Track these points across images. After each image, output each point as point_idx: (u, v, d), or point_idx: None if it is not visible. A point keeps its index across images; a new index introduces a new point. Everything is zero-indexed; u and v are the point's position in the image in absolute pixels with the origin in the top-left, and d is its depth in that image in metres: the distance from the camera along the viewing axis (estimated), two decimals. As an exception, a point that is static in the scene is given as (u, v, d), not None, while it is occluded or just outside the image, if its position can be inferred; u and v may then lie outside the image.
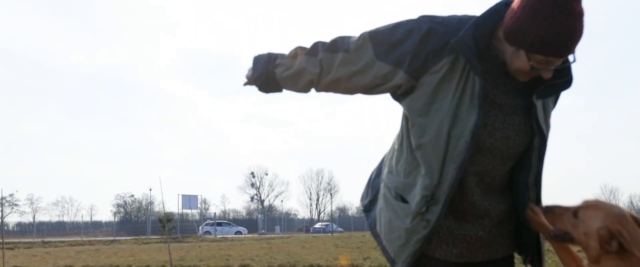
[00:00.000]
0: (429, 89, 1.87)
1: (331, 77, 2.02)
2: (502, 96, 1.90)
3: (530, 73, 1.80)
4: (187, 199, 43.32)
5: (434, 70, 1.86)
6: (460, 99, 1.84)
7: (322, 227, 54.94)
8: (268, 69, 2.12)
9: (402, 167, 2.02)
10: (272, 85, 2.16)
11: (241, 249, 18.29)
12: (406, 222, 1.96)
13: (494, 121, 1.88)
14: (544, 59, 1.74)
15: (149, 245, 25.08)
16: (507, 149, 1.91)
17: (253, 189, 78.71)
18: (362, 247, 17.80)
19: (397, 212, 2.00)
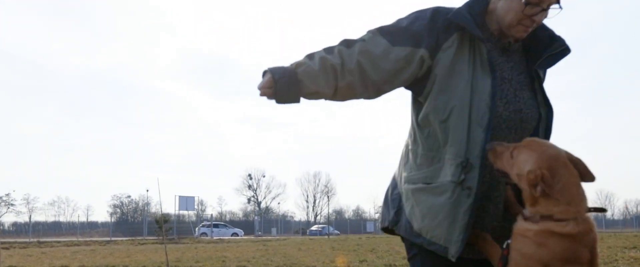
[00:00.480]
0: (445, 66, 1.94)
1: (354, 66, 1.94)
2: (508, 72, 1.98)
3: (524, 23, 1.90)
4: (184, 201, 43.22)
5: (446, 47, 1.94)
6: (474, 69, 1.92)
7: (319, 230, 54.94)
8: (289, 69, 1.95)
9: (422, 160, 2.02)
10: (293, 88, 1.93)
11: (237, 251, 18.27)
12: (447, 197, 1.91)
13: (506, 94, 1.94)
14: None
15: (145, 246, 25.03)
16: (521, 123, 1.96)
17: (250, 190, 78.69)
18: (358, 249, 17.79)
19: (435, 194, 1.95)
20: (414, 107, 2.09)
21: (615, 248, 16.00)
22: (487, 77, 1.91)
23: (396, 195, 2.15)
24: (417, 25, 1.95)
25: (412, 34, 1.94)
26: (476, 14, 1.97)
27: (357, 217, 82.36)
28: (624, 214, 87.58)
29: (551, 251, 1.68)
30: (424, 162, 2.01)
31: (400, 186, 2.13)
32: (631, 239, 23.67)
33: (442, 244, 1.94)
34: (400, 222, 2.10)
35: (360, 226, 66.09)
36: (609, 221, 78.25)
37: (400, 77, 1.98)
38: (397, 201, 2.13)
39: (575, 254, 1.68)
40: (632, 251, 14.77)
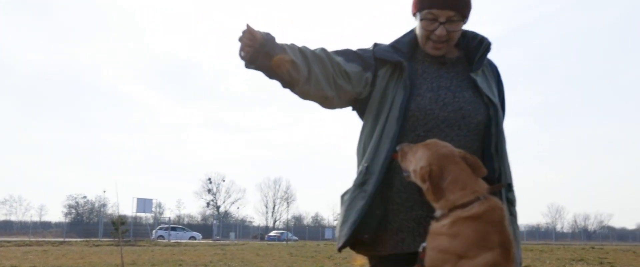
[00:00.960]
0: (379, 91, 2.16)
1: (320, 53, 2.09)
2: (446, 82, 2.15)
3: (431, 38, 2.11)
4: (141, 203, 42.60)
5: (380, 74, 2.17)
6: (396, 91, 2.12)
7: (277, 236, 54.80)
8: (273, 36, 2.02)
9: (358, 172, 2.18)
10: (273, 53, 1.97)
11: (195, 255, 18.16)
12: (348, 199, 2.12)
13: (444, 98, 2.10)
14: (429, 12, 2.07)
15: (100, 247, 24.59)
16: (463, 119, 2.09)
17: (209, 194, 77.99)
18: (316, 256, 17.89)
19: (343, 201, 2.17)
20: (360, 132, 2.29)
21: (563, 260, 16.51)
22: (402, 93, 2.09)
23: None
24: (363, 53, 2.20)
25: (360, 57, 2.18)
26: (404, 43, 2.20)
27: (316, 223, 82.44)
28: (572, 227, 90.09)
29: (464, 239, 1.73)
30: (360, 175, 2.16)
31: None
32: (579, 251, 24.41)
33: (341, 243, 2.12)
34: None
35: (318, 233, 66.20)
36: (559, 233, 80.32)
37: (352, 80, 2.14)
38: None
39: (485, 237, 1.72)
40: (579, 263, 15.26)
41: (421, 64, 2.18)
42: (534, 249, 27.61)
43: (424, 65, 2.18)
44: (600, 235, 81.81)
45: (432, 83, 2.13)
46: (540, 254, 21.26)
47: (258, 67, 2.00)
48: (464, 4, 2.09)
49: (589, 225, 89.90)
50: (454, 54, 2.22)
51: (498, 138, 2.12)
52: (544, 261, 15.88)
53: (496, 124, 2.12)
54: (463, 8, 2.09)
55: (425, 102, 2.08)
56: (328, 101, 2.15)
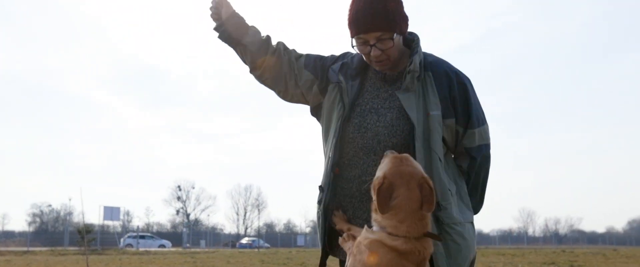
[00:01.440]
0: (326, 107, 2.31)
1: (276, 50, 2.37)
2: (379, 102, 2.20)
3: (370, 59, 2.18)
4: (109, 211, 41.66)
5: (329, 89, 2.30)
6: (339, 111, 2.23)
7: (249, 243, 54.34)
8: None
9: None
10: (241, 26, 2.35)
11: (164, 263, 17.79)
12: (316, 217, 2.33)
13: (368, 123, 2.17)
14: (358, 38, 2.14)
15: (66, 256, 23.98)
16: (378, 144, 2.14)
17: (179, 202, 76.99)
18: (289, 263, 17.72)
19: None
20: None
21: (535, 264, 16.65)
22: (339, 116, 2.22)
23: None
24: (323, 63, 2.36)
25: (317, 68, 2.35)
26: (358, 60, 2.29)
27: (288, 231, 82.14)
28: (544, 232, 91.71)
29: (379, 260, 1.77)
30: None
31: None
32: (550, 255, 24.75)
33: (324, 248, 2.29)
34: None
35: (290, 240, 65.88)
36: (531, 237, 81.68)
37: (301, 87, 2.35)
38: None
39: (399, 264, 1.76)
40: (551, 266, 15.41)
41: (369, 80, 2.27)
42: (506, 253, 27.90)
43: (370, 81, 2.27)
44: (570, 238, 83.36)
45: (365, 105, 2.21)
46: (513, 258, 21.45)
47: (220, 38, 2.37)
48: (388, 21, 2.09)
49: (560, 229, 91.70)
50: (403, 64, 2.22)
51: (425, 156, 2.09)
52: (516, 265, 15.99)
53: (422, 142, 2.10)
54: (389, 25, 2.10)
55: (350, 129, 2.19)
56: (277, 92, 2.42)
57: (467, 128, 2.21)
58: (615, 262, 17.40)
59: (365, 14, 2.10)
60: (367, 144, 2.15)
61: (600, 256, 23.39)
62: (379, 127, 2.14)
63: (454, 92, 2.19)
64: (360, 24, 2.11)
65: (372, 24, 2.09)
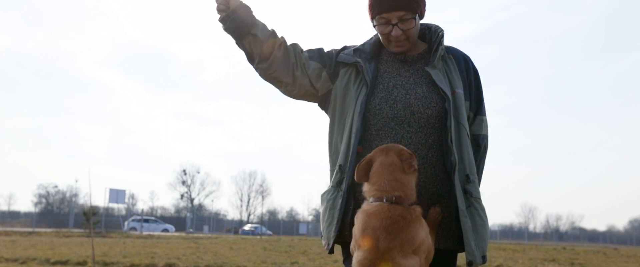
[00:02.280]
0: (340, 88, 2.28)
1: (284, 43, 2.33)
2: (402, 79, 2.24)
3: (389, 39, 2.21)
4: (114, 193, 41.93)
5: (342, 74, 2.30)
6: (359, 90, 2.23)
7: (251, 230, 54.58)
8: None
9: (330, 174, 2.29)
10: (247, 19, 2.28)
11: (167, 248, 17.95)
12: (329, 200, 2.21)
13: (396, 96, 2.19)
14: (380, 18, 2.18)
15: (71, 238, 24.20)
16: (412, 115, 2.16)
17: (184, 186, 77.29)
18: (291, 251, 17.84)
19: (323, 201, 2.26)
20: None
21: (536, 260, 16.70)
22: (363, 91, 2.20)
23: None
24: (328, 53, 2.37)
25: (323, 56, 2.35)
26: (369, 45, 2.32)
27: (291, 218, 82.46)
28: (545, 228, 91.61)
29: (356, 228, 1.96)
30: (330, 175, 2.28)
31: None
32: (551, 251, 24.77)
33: (325, 241, 2.21)
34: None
35: (293, 228, 66.12)
36: (531, 233, 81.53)
37: (310, 75, 2.33)
38: None
39: (367, 224, 1.90)
40: (551, 263, 15.46)
41: (385, 63, 2.29)
42: (507, 248, 27.92)
43: (387, 64, 2.29)
44: (571, 236, 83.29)
45: (388, 82, 2.23)
46: (513, 253, 21.49)
47: (226, 30, 2.29)
48: (411, 1, 2.16)
49: (561, 225, 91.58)
50: (418, 50, 2.31)
51: (456, 129, 2.16)
52: (517, 260, 16.04)
53: (453, 116, 2.16)
54: (412, 5, 2.16)
55: (377, 102, 2.18)
56: (283, 86, 2.36)
57: (477, 114, 2.30)
58: (615, 262, 17.43)
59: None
60: (399, 115, 2.16)
61: (601, 254, 23.41)
62: (410, 99, 2.17)
63: (470, 77, 2.30)
64: (384, 3, 2.16)
65: (396, 3, 2.14)
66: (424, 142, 2.14)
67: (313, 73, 2.31)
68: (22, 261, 11.80)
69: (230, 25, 2.26)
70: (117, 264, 11.31)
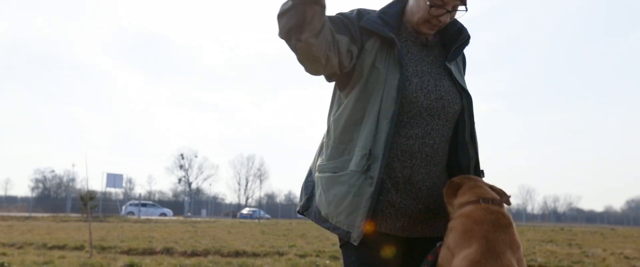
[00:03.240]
0: (367, 66, 2.10)
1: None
2: (427, 65, 2.16)
3: (431, 22, 2.10)
4: (111, 178, 41.88)
5: (368, 47, 2.10)
6: (388, 67, 2.08)
7: (250, 213, 54.68)
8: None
9: (333, 152, 2.14)
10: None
11: (165, 232, 17.91)
12: (350, 185, 2.04)
13: (428, 85, 2.11)
14: (439, 1, 2.06)
15: (68, 223, 24.17)
16: (443, 109, 2.12)
17: (181, 170, 77.26)
18: (289, 234, 17.83)
19: (340, 183, 2.07)
20: (333, 103, 2.22)
21: (533, 241, 16.74)
22: (396, 72, 2.06)
23: (310, 182, 2.27)
24: (349, 23, 2.08)
25: (348, 29, 2.06)
26: (392, 15, 2.15)
27: (289, 202, 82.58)
28: (542, 209, 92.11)
29: (454, 233, 1.95)
30: (335, 154, 2.13)
31: (314, 175, 2.24)
32: (548, 233, 24.87)
33: (345, 229, 2.05)
34: (310, 208, 2.21)
35: (291, 211, 66.26)
36: (529, 215, 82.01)
37: (341, 53, 2.03)
38: (311, 188, 2.24)
39: (468, 233, 1.89)
40: (549, 244, 15.50)
41: (405, 41, 2.18)
42: (504, 230, 27.95)
43: (407, 43, 2.18)
44: (569, 217, 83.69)
45: (416, 67, 2.14)
46: (511, 235, 21.52)
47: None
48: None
49: (558, 207, 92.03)
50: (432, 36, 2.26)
51: (470, 125, 2.19)
52: (515, 242, 16.03)
53: (469, 113, 2.18)
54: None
55: (413, 88, 2.08)
56: (316, 65, 1.97)
57: None
58: (613, 242, 17.49)
59: None
60: (432, 106, 2.10)
61: (598, 235, 23.49)
62: (440, 91, 2.12)
63: (465, 70, 2.35)
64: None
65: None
66: (446, 137, 2.15)
67: (342, 48, 2.03)
68: (19, 245, 11.73)
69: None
70: (115, 248, 11.25)
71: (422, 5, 2.09)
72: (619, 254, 11.89)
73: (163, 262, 8.82)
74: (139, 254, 10.56)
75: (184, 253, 10.80)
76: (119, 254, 10.47)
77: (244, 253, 10.88)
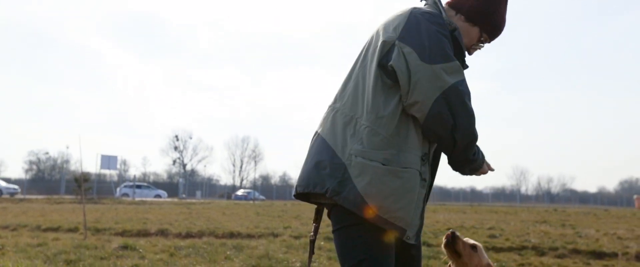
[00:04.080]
0: None
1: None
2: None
3: (469, 51, 2.32)
4: (106, 159, 41.82)
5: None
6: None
7: (244, 195, 54.74)
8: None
9: (382, 142, 2.07)
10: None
11: (160, 213, 17.91)
12: (414, 184, 2.08)
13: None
14: (486, 38, 2.31)
15: (62, 205, 24.13)
16: None
17: (176, 152, 77.16)
18: (283, 216, 17.85)
19: (404, 179, 2.05)
20: (390, 91, 2.11)
21: (527, 222, 16.82)
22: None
23: (338, 165, 2.11)
24: (448, 42, 2.12)
25: (451, 52, 2.12)
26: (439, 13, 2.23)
27: (284, 183, 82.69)
28: (536, 190, 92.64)
29: None
30: (383, 144, 2.06)
31: (344, 157, 2.10)
32: (542, 213, 25.01)
33: (402, 226, 2.06)
34: (344, 194, 2.07)
35: (286, 193, 66.32)
36: (523, 196, 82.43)
37: None
38: (341, 171, 2.10)
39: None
40: (542, 225, 15.57)
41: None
42: (498, 211, 28.20)
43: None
44: (562, 198, 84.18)
45: None
46: (505, 216, 21.67)
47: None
48: None
49: (552, 187, 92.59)
50: None
51: None
52: (509, 222, 16.14)
53: None
54: None
55: None
56: None
57: None
58: (606, 222, 17.59)
59: (503, 27, 2.33)
60: None
61: (592, 215, 23.64)
62: None
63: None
64: (499, 33, 2.34)
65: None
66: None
67: None
68: (13, 227, 11.70)
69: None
70: (109, 230, 11.23)
71: (473, 38, 2.30)
72: (612, 235, 11.96)
73: (158, 243, 8.80)
74: (133, 236, 10.54)
75: (178, 235, 10.79)
76: (113, 235, 10.46)
77: (239, 234, 10.88)
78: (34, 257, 6.91)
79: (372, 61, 2.15)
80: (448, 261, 2.52)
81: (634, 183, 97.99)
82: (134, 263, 6.49)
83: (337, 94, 2.28)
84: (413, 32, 2.08)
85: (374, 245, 2.10)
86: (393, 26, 2.13)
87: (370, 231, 2.08)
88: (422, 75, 2.01)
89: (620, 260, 8.23)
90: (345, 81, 2.27)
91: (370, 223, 2.06)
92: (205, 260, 6.99)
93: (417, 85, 2.02)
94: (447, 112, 2.02)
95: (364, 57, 2.23)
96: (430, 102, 2.02)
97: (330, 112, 2.25)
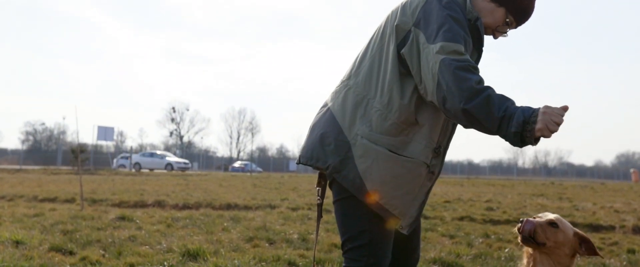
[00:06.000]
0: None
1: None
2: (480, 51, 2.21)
3: (499, 30, 2.19)
4: (103, 131, 41.58)
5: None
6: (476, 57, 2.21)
7: (241, 167, 54.83)
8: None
9: (392, 128, 2.03)
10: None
11: (157, 184, 17.89)
12: (417, 174, 2.06)
13: None
14: (512, 21, 2.16)
15: (59, 176, 24.11)
16: None
17: (173, 124, 77.04)
18: (280, 188, 17.87)
19: (404, 167, 2.03)
20: (406, 78, 2.04)
21: (524, 195, 16.86)
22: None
23: (342, 142, 2.08)
24: (460, 26, 2.00)
25: (462, 36, 1.99)
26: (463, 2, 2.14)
27: (281, 155, 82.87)
28: (533, 163, 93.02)
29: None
30: (394, 130, 2.04)
31: (350, 135, 2.07)
32: (539, 187, 25.11)
33: (396, 214, 2.06)
34: (344, 173, 2.07)
35: (283, 165, 66.50)
36: (520, 169, 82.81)
37: None
38: (345, 150, 2.07)
39: None
40: (539, 198, 15.63)
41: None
42: (495, 184, 28.29)
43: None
44: (559, 171, 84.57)
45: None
46: (502, 189, 21.74)
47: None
48: None
49: (549, 161, 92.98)
50: None
51: None
52: (506, 195, 16.18)
53: None
54: None
55: None
56: None
57: None
58: (603, 196, 17.65)
59: (531, 11, 2.19)
60: None
61: (589, 189, 23.74)
62: None
63: None
64: (527, 17, 2.19)
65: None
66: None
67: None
68: (9, 198, 11.65)
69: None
70: (106, 201, 11.20)
71: (498, 16, 2.15)
72: (608, 208, 11.98)
73: (154, 215, 8.77)
74: (130, 207, 10.51)
75: (175, 206, 10.76)
76: (110, 206, 10.42)
77: (236, 206, 10.86)
78: (30, 228, 6.86)
79: (390, 44, 2.07)
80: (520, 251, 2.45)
81: (630, 157, 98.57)
82: (131, 234, 6.45)
83: (351, 70, 2.21)
84: (429, 18, 1.99)
85: (374, 217, 2.09)
86: (411, 9, 2.05)
87: (360, 206, 2.09)
88: (431, 61, 1.93)
89: (617, 233, 8.23)
90: (361, 58, 2.19)
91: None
92: (202, 231, 6.95)
93: (425, 74, 1.96)
94: (449, 91, 1.90)
95: (382, 35, 2.14)
96: (435, 87, 1.92)
97: (342, 87, 2.19)
